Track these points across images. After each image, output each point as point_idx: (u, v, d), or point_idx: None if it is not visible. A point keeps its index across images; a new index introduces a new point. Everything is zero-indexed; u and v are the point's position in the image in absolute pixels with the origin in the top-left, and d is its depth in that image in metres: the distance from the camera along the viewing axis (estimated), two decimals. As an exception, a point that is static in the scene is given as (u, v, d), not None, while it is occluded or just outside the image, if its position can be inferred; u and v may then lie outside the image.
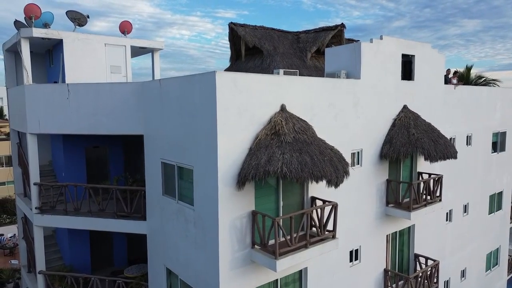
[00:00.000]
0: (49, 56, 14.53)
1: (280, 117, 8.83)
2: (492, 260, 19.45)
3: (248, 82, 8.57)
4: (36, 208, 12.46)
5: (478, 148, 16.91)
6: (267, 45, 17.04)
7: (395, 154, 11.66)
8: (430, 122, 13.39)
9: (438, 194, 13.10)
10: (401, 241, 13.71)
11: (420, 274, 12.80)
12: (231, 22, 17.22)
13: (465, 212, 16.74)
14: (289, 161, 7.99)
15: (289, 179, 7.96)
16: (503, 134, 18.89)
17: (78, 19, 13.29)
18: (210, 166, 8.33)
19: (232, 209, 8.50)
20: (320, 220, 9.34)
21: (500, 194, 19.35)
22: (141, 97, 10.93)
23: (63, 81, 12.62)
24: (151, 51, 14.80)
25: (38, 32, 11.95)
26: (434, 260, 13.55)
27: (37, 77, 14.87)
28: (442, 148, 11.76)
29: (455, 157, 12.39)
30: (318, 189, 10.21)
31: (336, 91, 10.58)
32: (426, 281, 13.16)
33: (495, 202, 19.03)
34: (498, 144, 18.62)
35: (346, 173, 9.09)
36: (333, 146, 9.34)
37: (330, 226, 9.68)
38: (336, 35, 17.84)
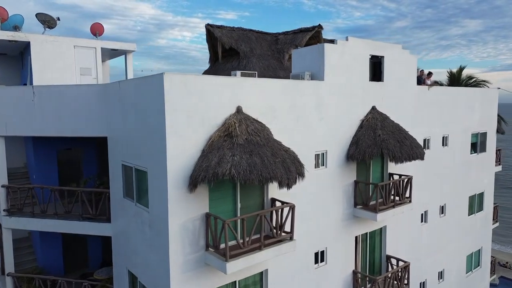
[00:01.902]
0: (21, 58, 14.54)
1: (234, 119, 8.80)
2: (473, 261, 19.36)
3: (201, 84, 8.55)
4: (4, 210, 12.45)
5: (455, 149, 16.85)
6: (243, 46, 17.02)
7: (360, 155, 11.62)
8: (399, 123, 13.36)
9: (407, 195, 13.04)
10: (372, 243, 13.66)
11: (389, 276, 12.73)
12: (208, 24, 17.20)
13: (442, 213, 16.66)
14: (238, 163, 7.96)
15: (237, 181, 7.92)
16: (483, 134, 18.83)
17: (47, 21, 13.28)
18: (161, 168, 8.31)
19: (184, 212, 8.46)
20: (276, 221, 9.31)
21: (481, 195, 19.28)
22: (104, 99, 10.93)
23: (31, 83, 12.62)
24: (124, 53, 14.79)
25: (4, 35, 11.95)
26: (405, 262, 13.48)
27: (11, 79, 14.88)
28: (408, 149, 11.71)
29: (422, 158, 12.34)
30: (280, 191, 10.17)
31: (298, 93, 10.54)
32: (396, 282, 13.10)
33: (476, 203, 18.95)
34: (478, 145, 18.55)
35: (301, 174, 9.06)
36: (289, 148, 9.31)
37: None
38: (314, 36, 17.79)
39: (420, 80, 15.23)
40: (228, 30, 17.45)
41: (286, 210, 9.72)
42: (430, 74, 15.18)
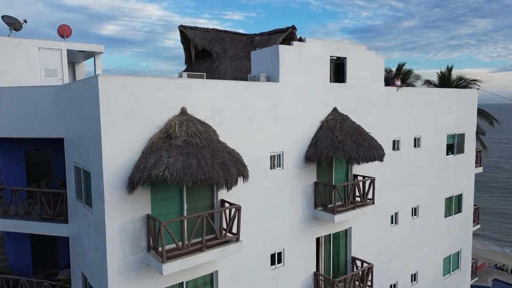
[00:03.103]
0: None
1: (176, 120, 8.82)
2: (451, 264, 19.18)
3: (141, 86, 8.58)
4: (-32, 210, 12.56)
5: (429, 150, 16.71)
6: (216, 47, 17.04)
7: (317, 156, 11.58)
8: (365, 125, 13.32)
9: (370, 196, 12.97)
10: (337, 244, 13.60)
11: (350, 277, 12.66)
12: (181, 25, 17.25)
13: (414, 215, 16.54)
14: (172, 164, 7.97)
15: (169, 183, 7.92)
16: (461, 136, 18.67)
17: (13, 23, 13.42)
18: (98, 168, 8.35)
19: (123, 213, 8.49)
20: (227, 223, 9.33)
21: (459, 197, 19.11)
22: (60, 100, 10.99)
23: (-5, 85, 12.72)
24: (92, 54, 14.89)
25: (-35, 38, 12.10)
26: (369, 263, 13.40)
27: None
28: (365, 151, 11.64)
29: (381, 160, 12.27)
30: (232, 192, 10.15)
31: (250, 94, 10.53)
32: (358, 283, 13.02)
33: (453, 205, 18.79)
34: (455, 146, 18.40)
35: (244, 176, 9.05)
36: (233, 150, 9.30)
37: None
38: (288, 37, 17.75)
39: (389, 81, 15.14)
40: (202, 31, 17.48)
41: (227, 211, 9.69)
42: (399, 75, 15.08)
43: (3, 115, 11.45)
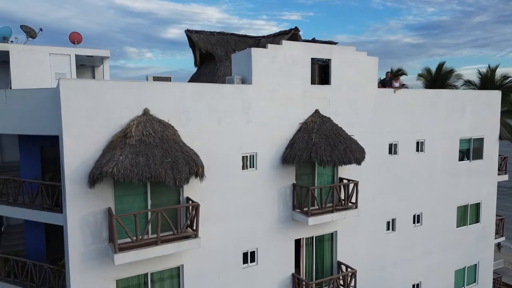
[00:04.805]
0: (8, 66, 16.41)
1: (135, 121, 9.42)
2: (466, 277, 17.99)
3: (103, 89, 9.30)
4: (-15, 198, 14.23)
5: (435, 155, 15.89)
6: (219, 50, 17.55)
7: (291, 158, 11.62)
8: (353, 128, 13.13)
9: (353, 200, 12.70)
10: (321, 247, 13.46)
11: (328, 281, 12.50)
12: (187, 29, 18.00)
13: (417, 222, 15.82)
14: (121, 162, 8.57)
15: (115, 179, 8.52)
16: (478, 140, 17.49)
17: (29, 31, 14.98)
18: (63, 164, 9.20)
19: (84, 206, 9.27)
20: (180, 220, 9.78)
21: (476, 206, 17.90)
22: (56, 100, 12.11)
23: (11, 87, 14.29)
24: (100, 59, 16.11)
25: (-15, 46, 13.75)
26: (352, 269, 13.10)
27: (1, 84, 16.74)
28: (340, 154, 11.46)
29: (358, 163, 11.98)
30: (200, 191, 10.61)
31: (219, 96, 10.88)
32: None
33: (469, 214, 17.64)
34: (471, 152, 17.28)
35: (199, 175, 9.43)
36: (191, 149, 9.71)
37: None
38: (291, 38, 17.79)
39: (386, 83, 14.64)
40: (207, 35, 18.09)
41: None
42: (397, 76, 14.52)
43: (10, 114, 12.83)
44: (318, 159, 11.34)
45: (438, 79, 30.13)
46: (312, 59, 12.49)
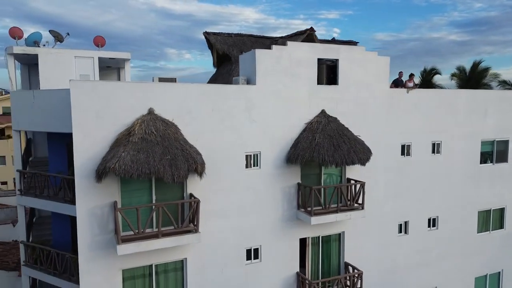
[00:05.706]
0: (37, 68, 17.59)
1: (140, 120, 9.97)
2: (487, 285, 17.28)
3: (110, 89, 9.91)
4: (18, 190, 15.44)
5: (453, 157, 15.41)
6: (235, 52, 17.92)
7: (295, 157, 11.77)
8: (362, 128, 13.09)
9: (360, 201, 12.63)
10: (328, 247, 13.47)
11: (332, 281, 12.51)
12: (205, 31, 18.51)
13: (433, 226, 15.41)
14: (123, 158, 9.11)
15: (116, 174, 9.08)
16: (502, 143, 16.75)
17: (57, 36, 16.05)
18: (73, 160, 9.91)
19: (91, 199, 9.93)
20: (183, 215, 10.24)
21: (500, 211, 17.14)
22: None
23: (39, 88, 15.39)
24: (122, 61, 16.93)
25: (18, 49, 14.88)
26: (359, 270, 13.02)
27: (32, 85, 17.97)
28: (343, 154, 11.46)
29: (363, 164, 11.90)
30: (204, 188, 11.03)
31: (222, 97, 11.22)
32: (344, 290, 12.78)
33: (491, 219, 16.93)
34: (494, 154, 16.59)
35: (198, 173, 9.81)
36: (192, 147, 10.13)
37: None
38: (307, 38, 17.87)
39: (399, 83, 14.38)
40: (224, 36, 18.53)
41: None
42: (411, 76, 14.23)
43: (37, 113, 13.86)
44: (320, 159, 11.41)
45: (472, 78, 28.98)
46: (319, 59, 12.56)
